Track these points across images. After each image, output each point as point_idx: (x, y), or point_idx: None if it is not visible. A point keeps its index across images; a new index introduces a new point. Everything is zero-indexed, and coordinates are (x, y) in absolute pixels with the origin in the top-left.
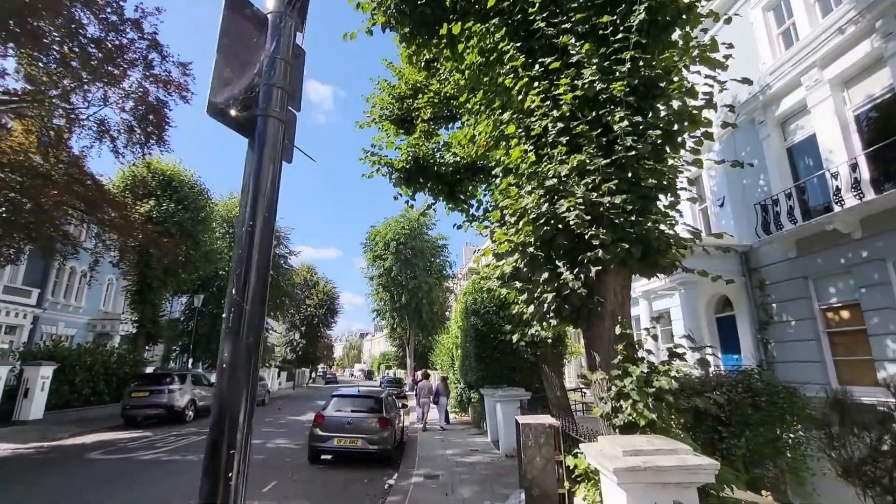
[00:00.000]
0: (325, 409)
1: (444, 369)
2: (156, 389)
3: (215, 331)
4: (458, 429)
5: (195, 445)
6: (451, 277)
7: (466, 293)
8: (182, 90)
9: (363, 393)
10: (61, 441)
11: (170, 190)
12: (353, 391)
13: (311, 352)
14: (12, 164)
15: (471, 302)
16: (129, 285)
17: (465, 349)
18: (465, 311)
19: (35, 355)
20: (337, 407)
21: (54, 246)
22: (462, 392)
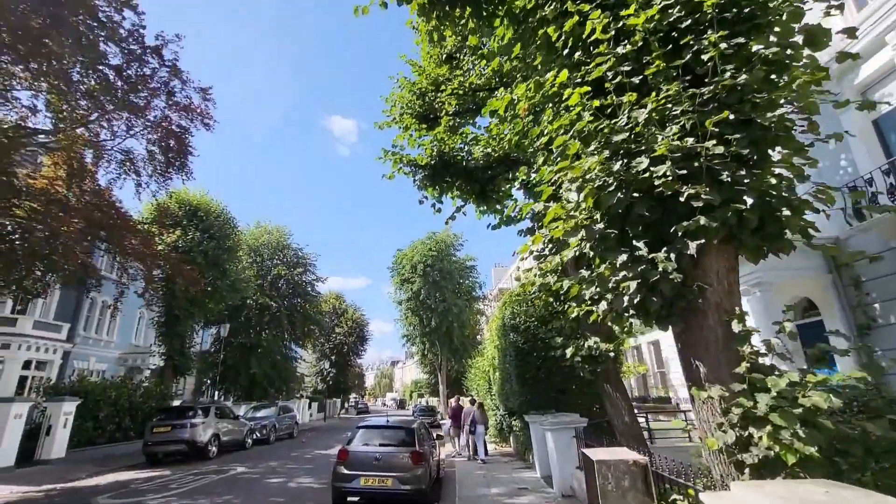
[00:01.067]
0: (350, 442)
1: (481, 395)
2: (178, 424)
3: (244, 362)
4: (500, 461)
5: (211, 487)
6: (481, 299)
7: (503, 306)
8: (204, 116)
9: (393, 423)
10: (76, 482)
11: (196, 219)
12: (381, 421)
13: (342, 381)
14: (39, 197)
15: (508, 317)
16: (157, 317)
17: (503, 371)
18: (502, 328)
19: (59, 391)
20: (364, 440)
21: (77, 277)
22: (502, 419)
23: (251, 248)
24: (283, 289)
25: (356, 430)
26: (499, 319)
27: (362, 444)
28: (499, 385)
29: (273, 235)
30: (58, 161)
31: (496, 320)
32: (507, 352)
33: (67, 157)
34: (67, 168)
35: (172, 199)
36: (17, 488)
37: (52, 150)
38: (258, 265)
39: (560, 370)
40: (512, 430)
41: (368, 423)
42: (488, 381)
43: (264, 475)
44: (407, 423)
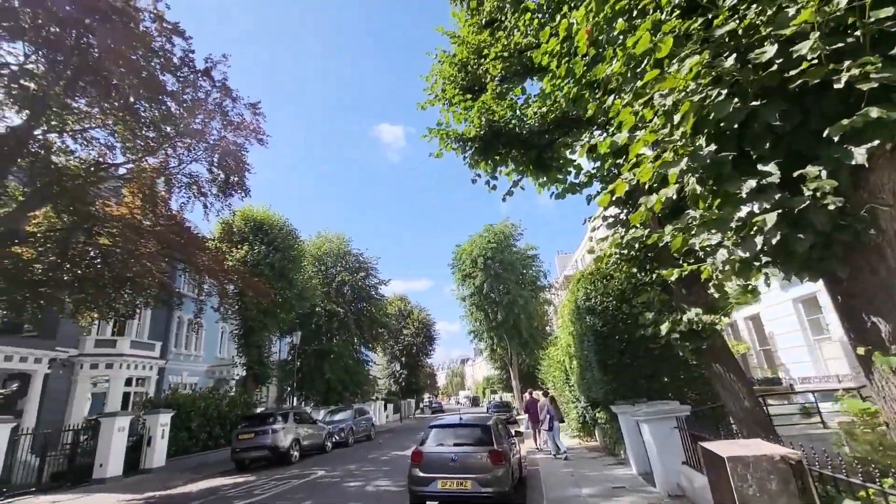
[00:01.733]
0: (424, 443)
1: (558, 387)
2: (260, 430)
3: (318, 368)
4: (585, 457)
5: (292, 492)
6: (546, 288)
7: (575, 288)
8: (257, 132)
9: (467, 421)
10: (173, 490)
11: (261, 234)
12: (454, 420)
13: (414, 382)
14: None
15: (582, 298)
16: (235, 329)
17: (582, 358)
18: (576, 312)
19: (155, 404)
20: (437, 440)
21: (161, 297)
22: (584, 411)
23: (314, 257)
24: (348, 294)
25: (428, 429)
26: (571, 303)
27: (436, 445)
28: (578, 374)
29: (334, 243)
30: (133, 190)
31: (568, 304)
32: (585, 337)
33: (141, 186)
34: (142, 196)
35: (237, 217)
36: (124, 496)
37: (128, 180)
38: (323, 273)
39: (647, 352)
40: (597, 423)
41: (441, 421)
42: (565, 372)
43: (343, 479)
44: (482, 421)
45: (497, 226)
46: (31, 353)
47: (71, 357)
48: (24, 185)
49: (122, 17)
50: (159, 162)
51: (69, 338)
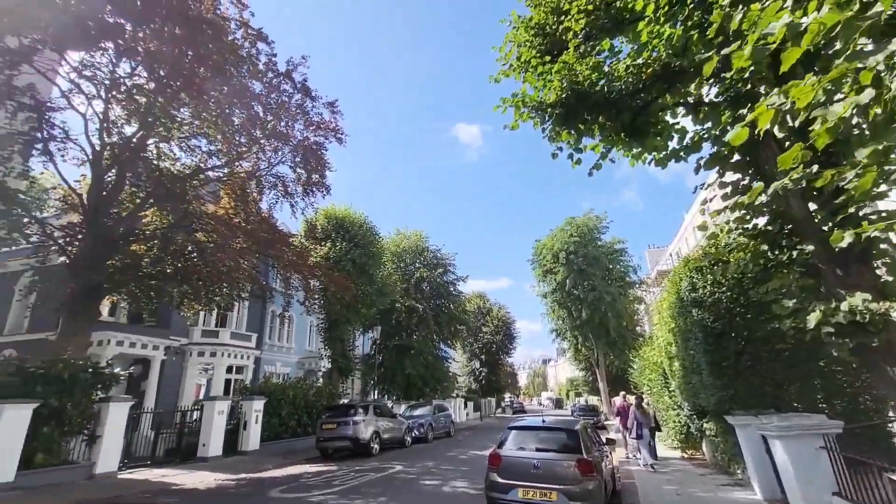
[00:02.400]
0: (503, 445)
1: (655, 391)
2: (342, 421)
3: (399, 363)
4: (691, 472)
5: (369, 486)
6: (636, 285)
7: (677, 278)
8: (336, 132)
9: (551, 424)
10: (263, 473)
11: (342, 231)
12: (536, 422)
13: (494, 380)
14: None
15: (687, 289)
16: (320, 323)
17: (686, 360)
18: (680, 305)
19: (251, 391)
20: (517, 443)
21: (255, 292)
22: (687, 420)
23: (393, 254)
24: (427, 291)
25: (508, 430)
26: (672, 296)
27: (516, 448)
28: (680, 378)
29: (412, 240)
30: (228, 192)
31: (667, 298)
32: (691, 335)
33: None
34: (234, 196)
35: (321, 216)
36: (221, 475)
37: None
38: (402, 270)
39: (773, 353)
40: (704, 434)
41: (522, 423)
42: (663, 375)
43: (420, 476)
44: (568, 424)
45: (580, 218)
46: (151, 341)
47: (182, 345)
48: (135, 187)
49: (212, 28)
50: (250, 165)
51: (181, 328)
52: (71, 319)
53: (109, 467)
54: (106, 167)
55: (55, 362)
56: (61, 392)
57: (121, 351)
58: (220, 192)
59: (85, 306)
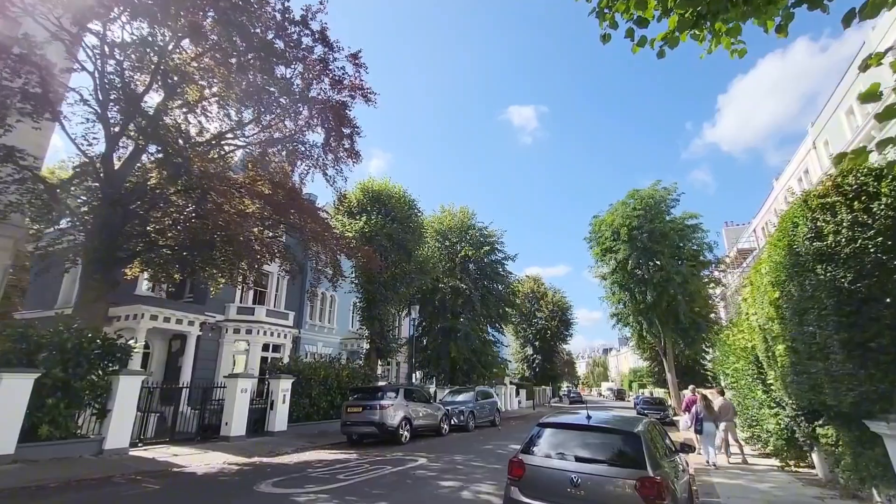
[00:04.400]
0: (530, 448)
1: (743, 385)
2: (368, 405)
3: (444, 346)
4: (788, 487)
5: (374, 484)
6: (713, 265)
7: (788, 224)
8: (363, 90)
9: (601, 422)
10: (277, 458)
11: (378, 204)
12: (579, 419)
13: (549, 368)
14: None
15: (808, 236)
16: (357, 302)
17: (800, 341)
18: (792, 263)
19: (279, 370)
20: (551, 447)
21: (287, 268)
22: (791, 423)
23: (437, 231)
24: (473, 270)
25: (538, 429)
26: (778, 252)
27: (548, 456)
28: (786, 367)
29: (457, 217)
30: (252, 160)
31: (770, 256)
32: (813, 303)
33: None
34: (254, 162)
35: (357, 190)
36: (232, 457)
37: (250, 150)
38: (447, 249)
39: None
40: (816, 442)
41: (558, 419)
42: (756, 363)
43: (441, 474)
44: (625, 425)
45: (644, 190)
46: (186, 316)
47: (218, 322)
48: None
49: None
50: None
51: (217, 305)
52: (88, 289)
53: (120, 443)
54: (119, 131)
55: (61, 332)
56: (66, 363)
57: (154, 325)
58: (247, 162)
59: (101, 276)
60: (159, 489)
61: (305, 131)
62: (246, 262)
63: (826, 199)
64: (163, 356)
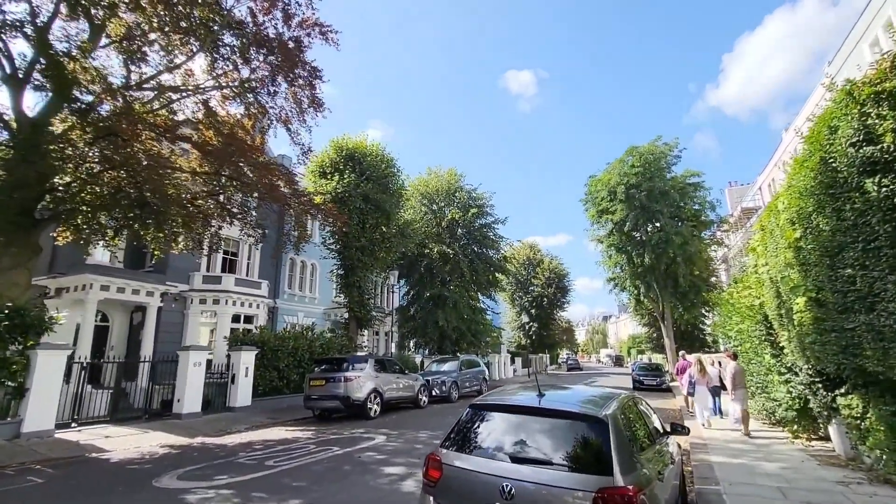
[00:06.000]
0: (454, 440)
1: (749, 348)
2: (332, 377)
3: (432, 315)
4: (802, 466)
5: (308, 471)
6: (715, 224)
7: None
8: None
9: (552, 405)
10: (222, 438)
11: (353, 162)
12: (524, 399)
13: (546, 336)
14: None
15: (850, 143)
16: (334, 268)
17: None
18: (823, 187)
19: (241, 341)
20: (483, 438)
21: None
22: (805, 391)
23: (423, 194)
24: (461, 235)
25: (470, 411)
26: (807, 171)
27: (477, 451)
28: (803, 323)
29: (444, 179)
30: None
31: (796, 180)
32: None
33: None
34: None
35: (331, 148)
36: (171, 438)
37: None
38: (434, 213)
39: None
40: (836, 414)
41: (497, 398)
42: (764, 322)
43: (393, 456)
44: (589, 406)
45: (643, 146)
46: (143, 286)
47: (182, 292)
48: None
49: None
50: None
51: (181, 274)
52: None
53: (42, 425)
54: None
55: None
56: None
57: (107, 296)
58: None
59: (18, 240)
60: (43, 483)
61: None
62: (182, 221)
63: (882, 86)
64: (124, 330)
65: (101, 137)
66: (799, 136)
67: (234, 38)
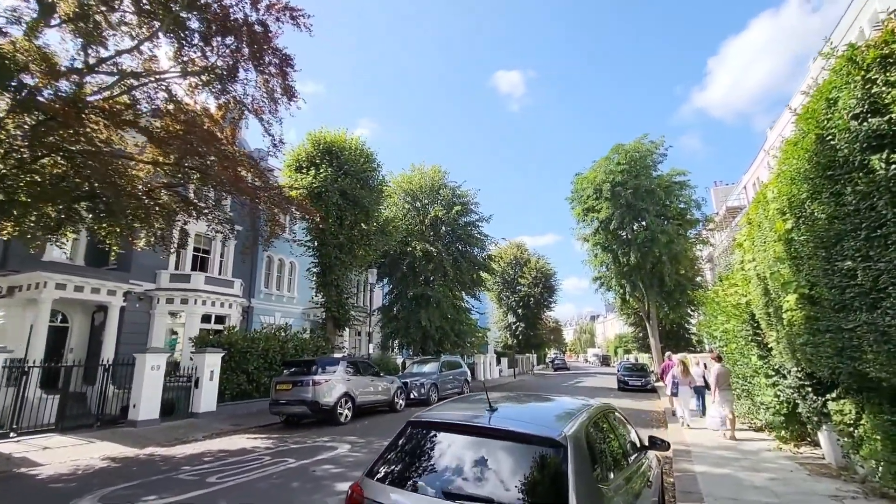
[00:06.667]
0: (380, 469)
1: (734, 349)
2: (299, 381)
3: (414, 315)
4: (791, 477)
5: (244, 491)
6: (700, 223)
7: (817, 107)
8: (292, 12)
9: (502, 424)
10: (176, 447)
11: (330, 156)
12: (468, 416)
13: (533, 336)
14: None
15: (853, 115)
16: (311, 266)
17: (822, 284)
18: (820, 168)
19: (206, 343)
20: (416, 466)
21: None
22: (794, 395)
23: (406, 192)
24: (444, 233)
25: (409, 429)
26: (801, 152)
27: (408, 482)
28: (794, 322)
29: (428, 175)
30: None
31: (788, 164)
32: (860, 218)
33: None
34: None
35: (308, 142)
36: (116, 450)
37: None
38: (417, 210)
39: None
40: (826, 419)
41: (439, 413)
42: (751, 322)
43: (352, 469)
44: (545, 425)
45: (629, 144)
46: (103, 285)
47: (148, 291)
48: None
49: None
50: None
51: (147, 272)
52: None
53: None
54: None
55: None
56: None
57: (63, 295)
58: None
59: None
60: None
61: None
62: (139, 215)
63: (890, 48)
64: (85, 331)
65: (40, 123)
66: (792, 112)
67: (200, 22)
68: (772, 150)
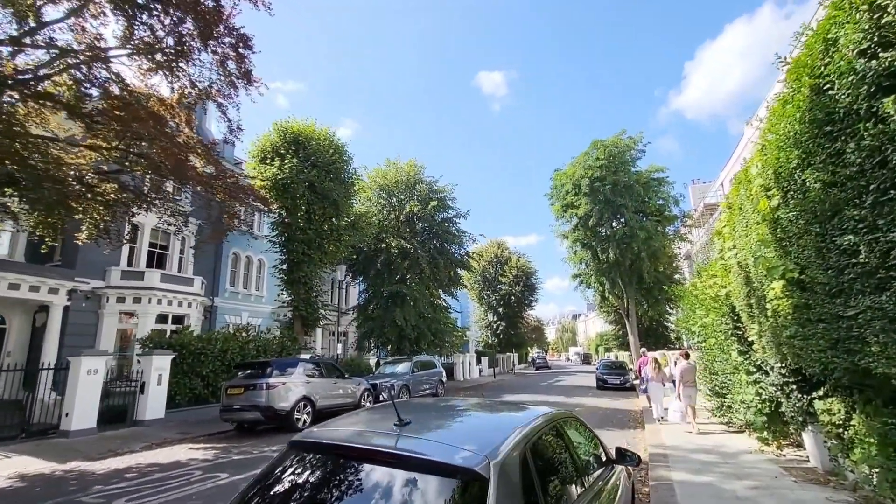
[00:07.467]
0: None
1: (713, 345)
2: (252, 385)
3: (389, 314)
4: (774, 484)
5: None
6: (679, 219)
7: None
8: None
9: (406, 449)
10: (106, 460)
11: (296, 146)
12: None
13: (514, 334)
14: None
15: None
16: (277, 262)
17: (816, 266)
18: (817, 126)
19: (154, 344)
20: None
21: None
22: (777, 393)
23: (381, 187)
24: (421, 229)
25: (290, 453)
26: (793, 109)
27: None
28: (780, 312)
29: (404, 170)
30: None
31: (775, 129)
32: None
33: None
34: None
35: (274, 132)
36: (31, 465)
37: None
38: (393, 206)
39: None
40: (812, 419)
41: (327, 434)
42: (731, 315)
43: None
44: (465, 449)
45: (608, 140)
46: (44, 283)
47: (96, 289)
48: None
49: None
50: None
51: (96, 269)
52: None
53: None
54: None
55: None
56: None
57: None
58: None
59: None
60: None
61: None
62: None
63: None
64: (25, 333)
65: None
66: (781, 65)
67: None
68: (746, 152)
